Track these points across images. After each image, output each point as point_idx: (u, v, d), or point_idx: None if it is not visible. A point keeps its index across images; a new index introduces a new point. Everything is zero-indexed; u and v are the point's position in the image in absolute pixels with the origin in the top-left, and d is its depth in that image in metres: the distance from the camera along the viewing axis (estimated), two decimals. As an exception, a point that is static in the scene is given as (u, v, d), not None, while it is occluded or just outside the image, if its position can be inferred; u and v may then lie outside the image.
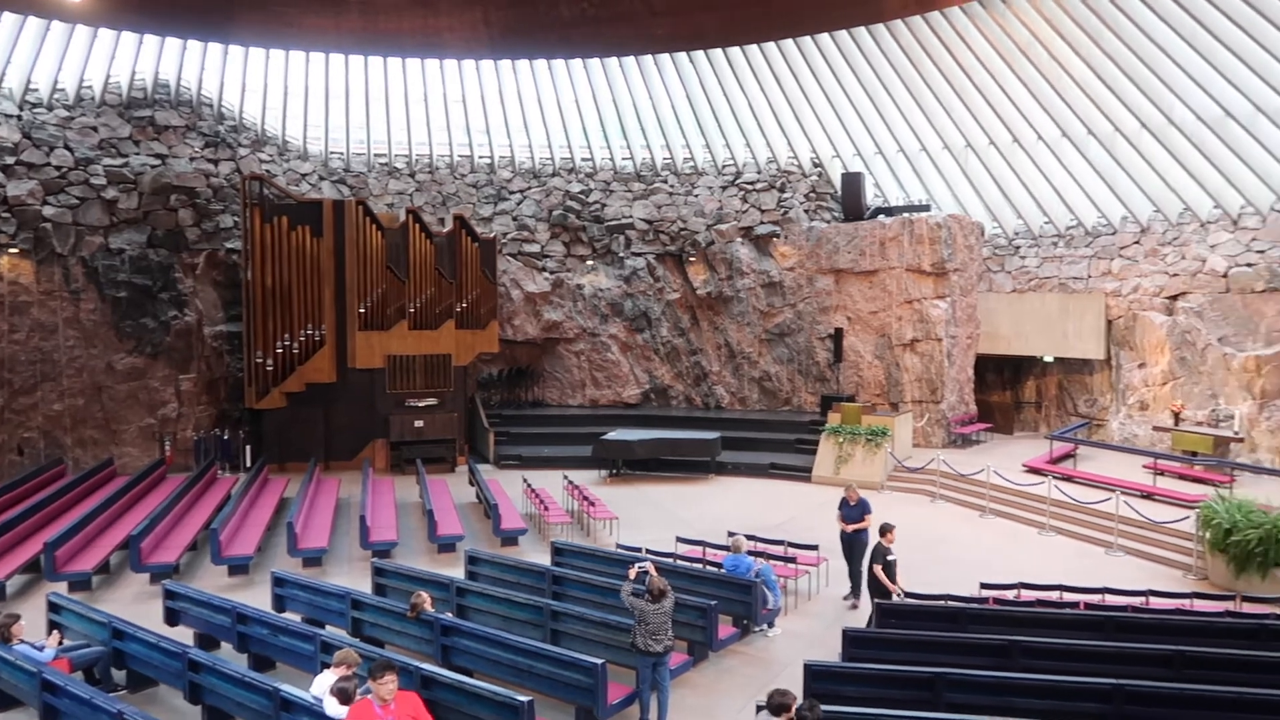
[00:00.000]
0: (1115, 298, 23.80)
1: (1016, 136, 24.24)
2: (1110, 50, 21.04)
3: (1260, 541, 13.07)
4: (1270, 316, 20.92)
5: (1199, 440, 20.00)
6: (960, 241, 23.83)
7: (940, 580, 12.72)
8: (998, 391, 26.46)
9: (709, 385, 26.98)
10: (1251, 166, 20.82)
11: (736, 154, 27.33)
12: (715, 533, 15.03)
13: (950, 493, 19.40)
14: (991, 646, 9.19)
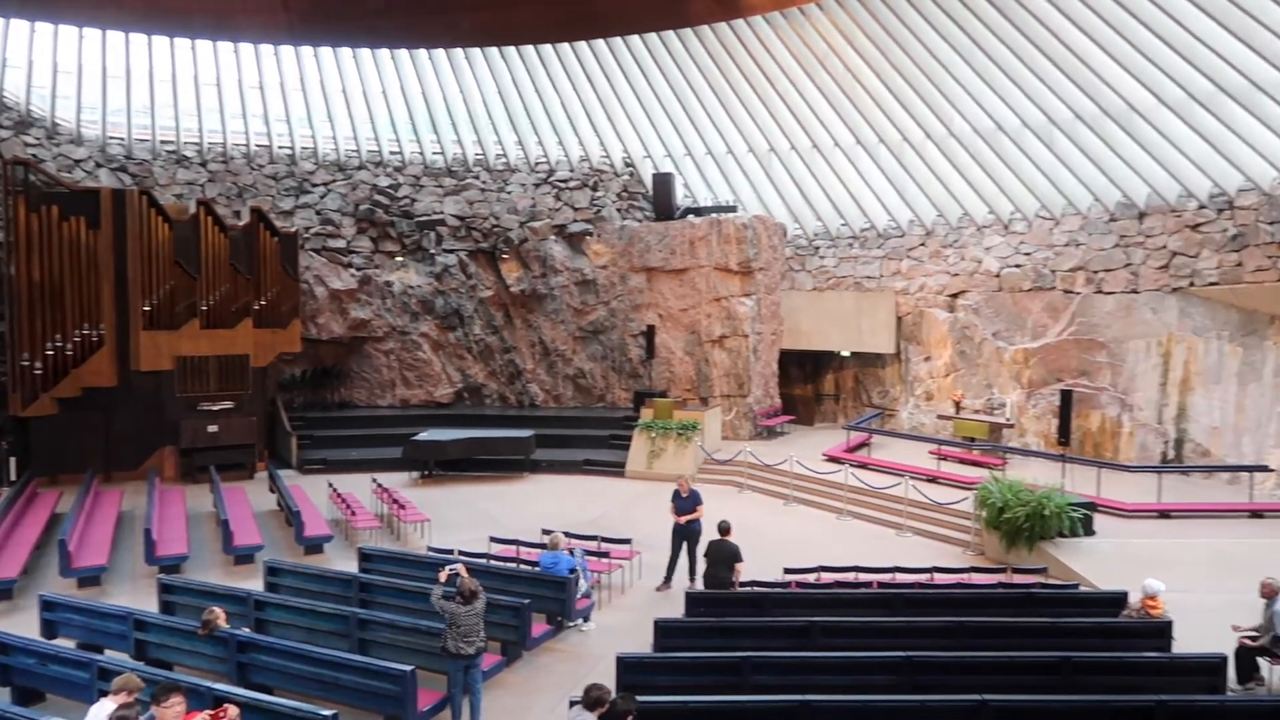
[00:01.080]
0: (904, 296, 25.51)
1: (816, 142, 25.51)
2: (897, 64, 22.51)
3: (1028, 518, 14.35)
4: (1036, 313, 23.03)
5: (976, 427, 21.74)
6: (765, 242, 24.83)
7: (748, 568, 13.17)
8: (800, 385, 27.79)
9: (523, 383, 26.83)
10: (1019, 176, 22.83)
11: (549, 151, 27.29)
12: (530, 531, 14.97)
13: (757, 483, 20.18)
14: (794, 628, 9.62)
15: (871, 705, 7.63)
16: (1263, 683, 9.83)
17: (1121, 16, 18.39)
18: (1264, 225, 18.99)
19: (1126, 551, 14.41)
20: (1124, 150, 20.68)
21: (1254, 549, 14.38)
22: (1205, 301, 20.32)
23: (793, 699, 7.58)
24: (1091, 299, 22.04)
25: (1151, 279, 21.10)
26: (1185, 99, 18.93)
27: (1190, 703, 7.87)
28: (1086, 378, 21.93)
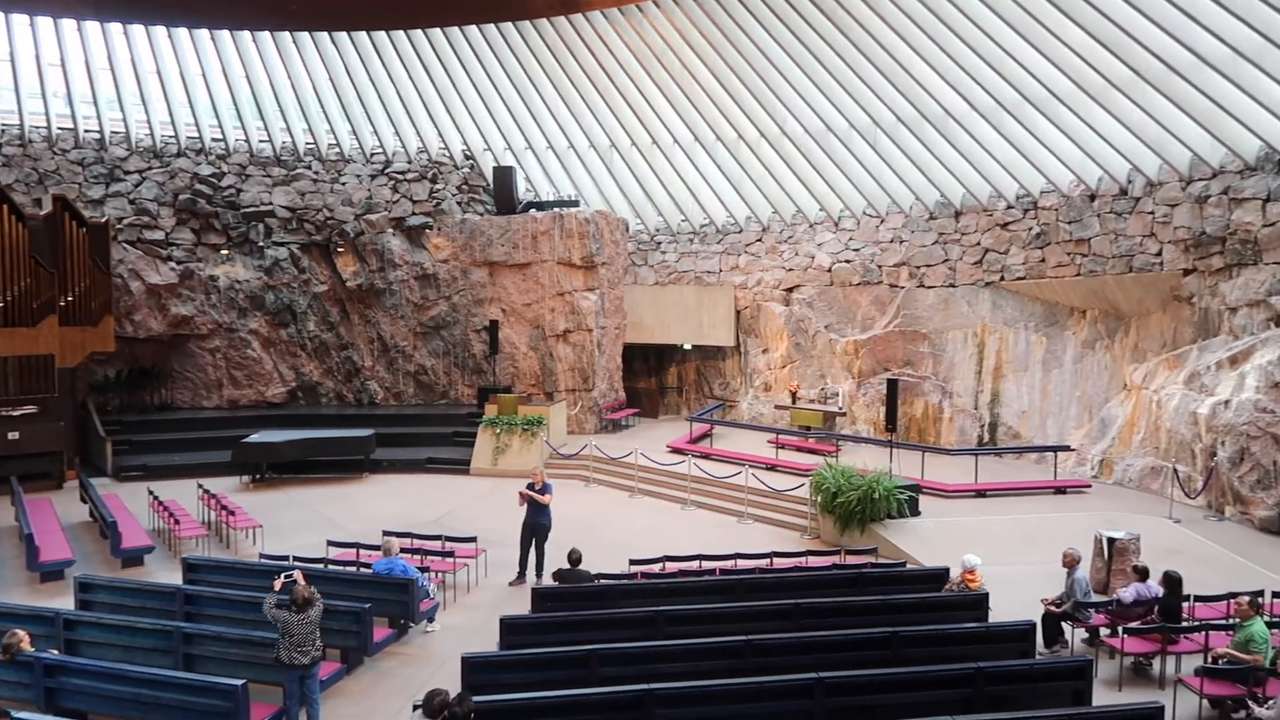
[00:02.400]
0: (742, 290, 26.25)
1: (655, 139, 25.85)
2: (733, 64, 23.10)
3: (859, 501, 15.07)
4: (864, 306, 24.19)
5: (812, 416, 22.63)
6: (608, 237, 24.98)
7: (596, 561, 13.22)
8: (644, 378, 28.15)
9: (362, 381, 25.97)
10: (848, 176, 23.89)
11: (386, 142, 26.48)
12: (371, 534, 14.53)
13: (603, 476, 20.31)
14: (640, 619, 9.74)
15: (713, 689, 7.82)
16: (1066, 645, 10.70)
17: (938, 27, 19.52)
18: (1063, 225, 20.62)
19: (948, 529, 15.36)
20: (941, 153, 21.99)
21: (1057, 522, 15.61)
22: (1014, 295, 21.90)
23: (638, 688, 7.68)
24: (914, 293, 23.35)
25: (967, 274, 22.55)
26: (995, 106, 20.30)
27: (1005, 668, 8.47)
28: (911, 367, 23.23)
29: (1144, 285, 19.39)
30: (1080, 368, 20.87)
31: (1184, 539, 14.83)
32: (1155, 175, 18.99)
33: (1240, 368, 16.44)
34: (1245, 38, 15.64)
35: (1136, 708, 7.62)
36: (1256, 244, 17.21)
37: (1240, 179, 17.43)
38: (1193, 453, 17.14)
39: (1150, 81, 17.58)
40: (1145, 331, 19.71)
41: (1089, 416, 20.53)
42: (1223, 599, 10.60)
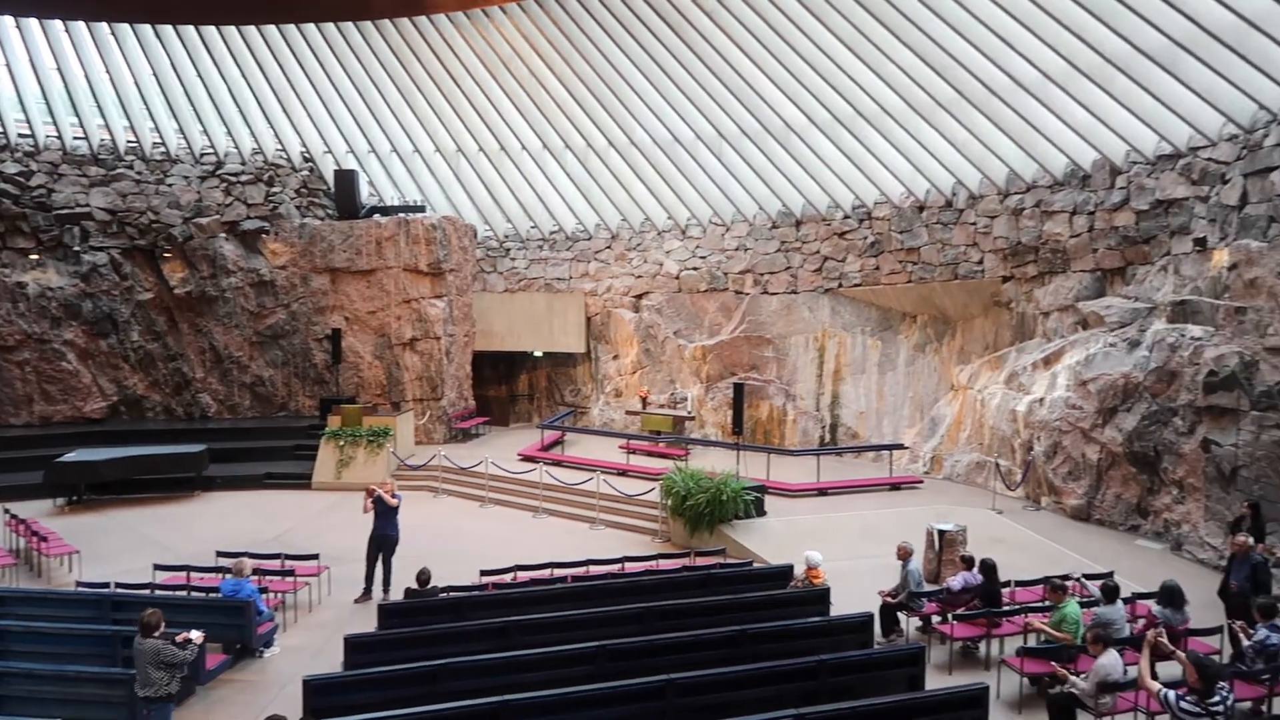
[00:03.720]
0: (592, 297, 26.37)
1: (503, 144, 25.64)
2: (580, 73, 23.18)
3: (708, 504, 15.38)
4: (711, 312, 24.75)
5: (662, 421, 22.95)
6: (455, 243, 24.58)
7: (446, 573, 12.95)
8: (495, 386, 27.83)
9: (193, 394, 24.51)
10: (694, 185, 24.41)
11: (217, 142, 25.14)
12: (204, 555, 13.72)
13: (453, 486, 19.93)
14: (492, 630, 9.59)
15: (567, 697, 7.78)
16: (902, 634, 11.24)
17: (779, 44, 20.20)
18: (895, 234, 21.73)
19: (793, 528, 15.88)
20: (782, 164, 22.78)
21: (893, 517, 16.40)
22: (851, 301, 22.91)
23: (491, 701, 7.55)
24: (759, 299, 24.08)
25: (808, 281, 23.44)
26: (831, 121, 21.20)
27: (845, 658, 8.81)
28: (756, 371, 23.92)
29: (968, 291, 20.67)
30: (912, 370, 22.03)
31: (1006, 528, 15.86)
32: (976, 189, 20.29)
33: (1053, 368, 17.75)
34: (1054, 63, 16.92)
35: (964, 689, 8.08)
36: (1065, 253, 18.65)
37: (1050, 193, 18.85)
38: (1012, 448, 18.38)
39: (971, 101, 18.76)
40: (969, 335, 21.02)
41: (920, 416, 21.70)
42: (1039, 583, 11.38)
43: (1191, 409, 14.48)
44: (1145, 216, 17.15)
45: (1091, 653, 8.67)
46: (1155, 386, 15.22)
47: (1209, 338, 14.37)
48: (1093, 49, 16.03)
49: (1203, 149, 15.96)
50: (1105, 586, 10.14)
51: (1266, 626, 9.02)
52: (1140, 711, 8.58)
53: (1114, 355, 16.28)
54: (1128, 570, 13.01)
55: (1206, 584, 12.14)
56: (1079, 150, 18.16)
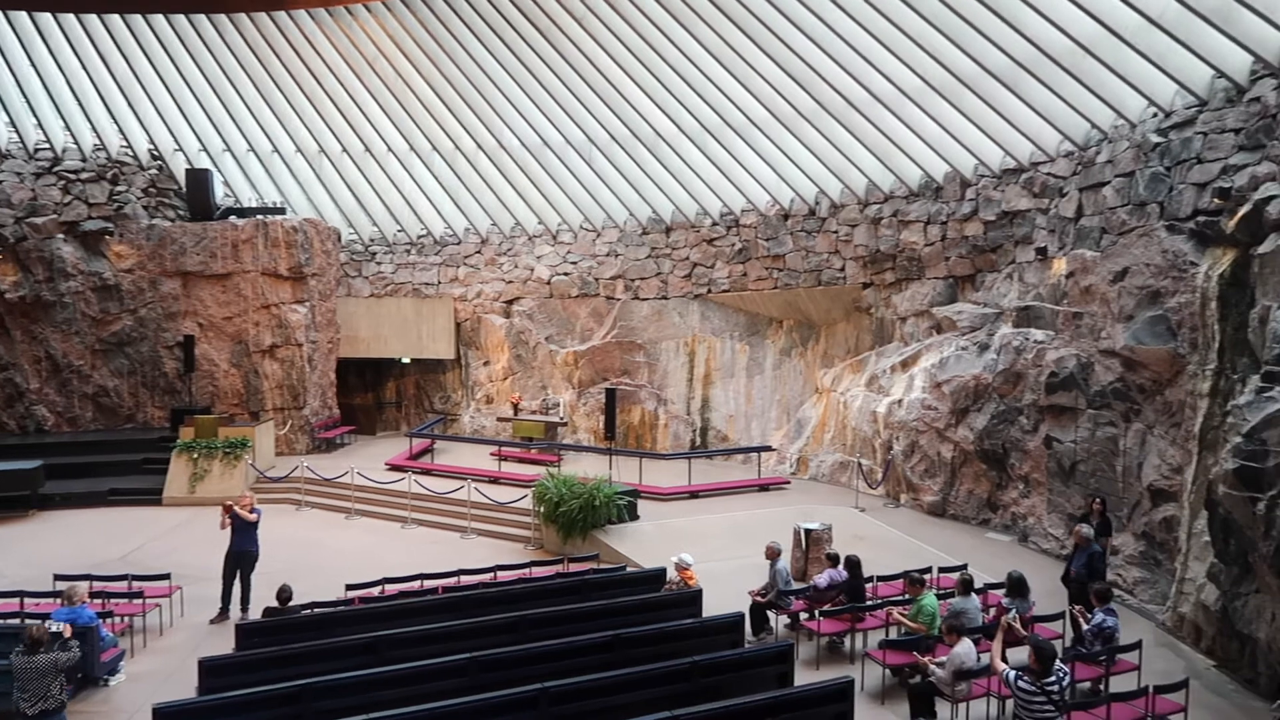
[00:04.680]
0: (462, 302, 25.97)
1: (368, 146, 24.95)
2: (448, 74, 22.78)
3: (581, 510, 15.35)
4: (583, 317, 24.76)
5: (534, 427, 22.79)
6: (318, 246, 23.76)
7: (310, 588, 12.49)
8: (360, 394, 27.03)
9: (27, 405, 22.78)
10: (564, 190, 24.37)
11: (54, 137, 23.46)
12: (40, 580, 12.78)
13: (316, 498, 19.21)
14: (359, 646, 9.29)
15: (437, 712, 7.60)
16: (771, 632, 11.49)
17: (647, 52, 20.37)
18: (762, 241, 22.27)
19: (665, 531, 16.03)
20: (652, 171, 23.01)
21: (762, 517, 16.78)
22: (720, 306, 23.35)
23: (357, 720, 7.31)
24: (630, 304, 24.24)
25: (678, 286, 23.75)
26: (699, 129, 21.53)
27: (717, 659, 8.93)
28: (628, 376, 24.06)
29: (831, 297, 21.37)
30: (779, 373, 22.62)
31: (868, 525, 16.46)
32: (838, 198, 21.01)
33: (910, 371, 18.55)
34: (908, 80, 17.69)
35: (831, 683, 8.32)
36: (920, 261, 19.53)
37: (906, 203, 19.70)
38: (873, 447, 19.09)
39: (832, 114, 19.42)
40: (833, 339, 21.74)
41: (787, 418, 22.29)
42: (899, 577, 11.85)
43: (1035, 408, 15.39)
44: (992, 227, 18.13)
45: (948, 642, 9.08)
46: (1003, 387, 16.11)
47: (1050, 341, 15.31)
48: (944, 67, 16.84)
49: (1043, 164, 17.00)
50: (960, 579, 10.66)
51: (1103, 610, 9.66)
52: (993, 696, 9.03)
53: (965, 358, 17.14)
54: (980, 562, 13.70)
55: (1051, 573, 12.91)
56: (932, 163, 19.05)
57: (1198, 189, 12.64)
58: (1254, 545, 9.43)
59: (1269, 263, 10.26)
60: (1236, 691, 9.94)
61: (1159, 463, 12.62)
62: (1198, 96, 13.26)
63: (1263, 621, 9.68)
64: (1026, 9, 14.68)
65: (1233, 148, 12.27)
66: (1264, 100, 11.93)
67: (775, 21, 18.18)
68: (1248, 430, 9.37)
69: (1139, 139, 14.16)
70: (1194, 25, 12.73)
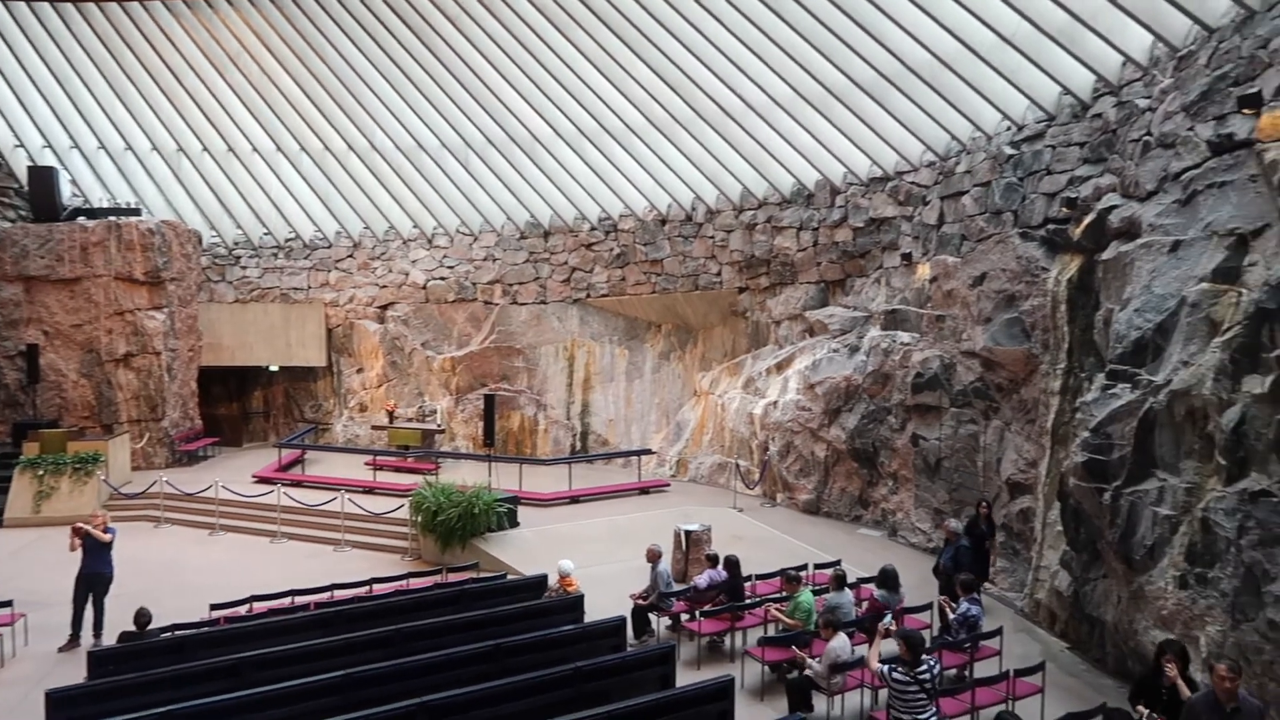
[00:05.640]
0: (334, 307, 25.17)
1: (231, 145, 23.91)
2: (317, 73, 22.06)
3: (460, 518, 15.07)
4: (460, 323, 24.37)
5: (410, 435, 22.27)
6: (177, 249, 22.58)
7: (171, 611, 11.83)
8: (225, 404, 25.83)
9: None
10: (440, 193, 23.93)
11: (-125, 129, 21.62)
12: None
13: (177, 514, 18.23)
14: (223, 668, 8.83)
15: (311, 733, 7.32)
16: (653, 634, 11.54)
17: (523, 55, 20.22)
18: (640, 246, 22.43)
19: (546, 537, 15.91)
20: (529, 175, 22.86)
21: (643, 521, 16.85)
22: (599, 311, 23.39)
23: (223, 746, 6.94)
24: (508, 309, 24.00)
25: (557, 291, 23.66)
26: (577, 134, 21.52)
27: (599, 663, 8.90)
28: (507, 382, 23.81)
29: (708, 301, 21.70)
30: (658, 377, 22.82)
31: (746, 525, 16.76)
32: (714, 204, 21.37)
33: (785, 373, 19.00)
34: (780, 89, 18.13)
35: (712, 683, 8.40)
36: (794, 266, 20.04)
37: (780, 210, 20.19)
38: (750, 449, 19.47)
39: (707, 121, 19.74)
40: (710, 343, 22.07)
41: (666, 421, 22.50)
42: (776, 575, 12.09)
43: (902, 407, 16.00)
44: (861, 233, 18.77)
45: (823, 637, 9.32)
46: (872, 388, 16.68)
47: (916, 343, 15.95)
48: (814, 78, 17.33)
49: (907, 173, 17.71)
50: (834, 574, 10.96)
51: (967, 600, 10.10)
52: (866, 688, 9.31)
53: (837, 360, 17.67)
54: (853, 557, 14.13)
55: (919, 566, 13.44)
56: (804, 171, 19.58)
57: (1048, 198, 13.42)
58: (1101, 533, 10.03)
59: (1111, 268, 10.96)
60: (1088, 671, 10.55)
61: (1016, 457, 13.30)
62: (1047, 111, 14.08)
63: (1110, 604, 10.31)
64: (891, 25, 15.26)
65: (1078, 160, 13.07)
66: (1105, 116, 12.75)
67: (651, 29, 18.35)
68: (1094, 425, 9.97)
69: (994, 151, 14.93)
70: (1043, 45, 13.51)
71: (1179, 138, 10.42)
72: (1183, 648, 7.18)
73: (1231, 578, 8.27)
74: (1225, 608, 8.31)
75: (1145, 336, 9.72)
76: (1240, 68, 9.86)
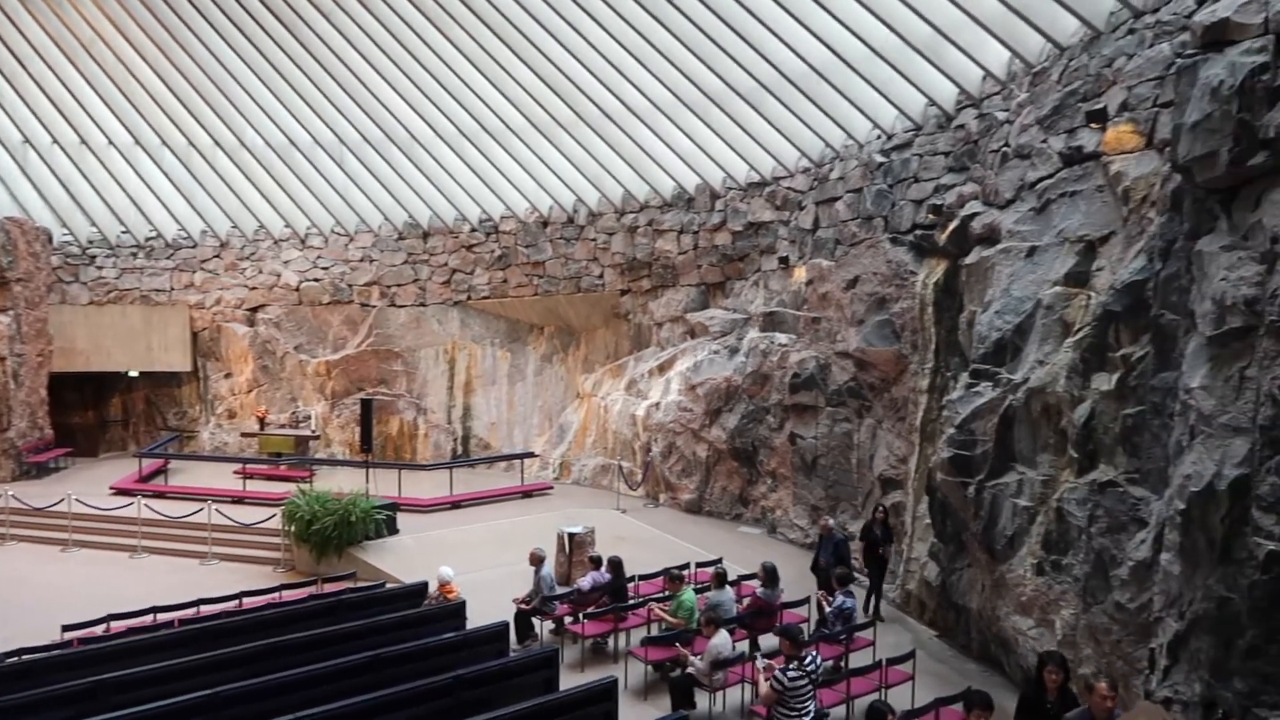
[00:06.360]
0: (199, 310, 24.04)
1: (85, 138, 22.56)
2: (181, 66, 21.03)
3: (336, 526, 14.63)
4: (336, 325, 23.66)
5: (283, 441, 21.48)
6: (24, 248, 21.13)
7: (18, 633, 11.08)
8: (80, 412, 24.29)
9: None
10: (314, 192, 23.17)
11: None
12: None
13: (25, 530, 17.06)
14: (76, 693, 8.31)
15: (175, 756, 6.96)
16: (537, 638, 11.47)
17: (401, 53, 19.77)
18: (522, 248, 22.26)
19: (426, 544, 15.61)
20: (408, 175, 22.39)
21: (526, 524, 16.72)
22: (481, 313, 23.10)
23: (76, 776, 6.53)
24: (386, 312, 23.44)
25: (437, 293, 23.25)
26: (456, 133, 21.18)
27: (481, 670, 8.78)
28: (385, 386, 23.24)
29: (590, 304, 21.72)
30: (540, 379, 22.70)
31: (629, 526, 16.84)
32: (596, 206, 21.41)
33: (667, 374, 19.19)
34: (661, 94, 18.31)
35: (595, 684, 8.41)
36: (675, 269, 20.27)
37: (661, 213, 20.39)
38: (633, 450, 19.58)
39: (588, 123, 19.75)
40: (593, 345, 22.10)
41: (549, 424, 22.40)
42: (659, 575, 12.19)
43: (781, 407, 16.39)
44: (740, 237, 19.13)
45: (705, 634, 9.44)
46: (752, 388, 17.03)
47: (793, 344, 16.36)
48: (694, 84, 17.57)
49: (784, 179, 18.15)
50: (715, 572, 11.13)
51: (842, 593, 10.42)
52: (747, 683, 9.48)
53: (718, 361, 17.96)
54: (734, 555, 14.38)
55: (798, 561, 13.78)
56: (684, 175, 19.83)
57: (915, 205, 13.98)
58: (966, 525, 10.51)
59: (974, 272, 11.50)
60: (955, 657, 11.04)
61: (888, 454, 13.79)
62: (914, 122, 14.67)
63: (974, 593, 10.81)
64: (767, 34, 15.60)
65: (943, 169, 13.67)
66: (968, 127, 13.38)
67: (532, 30, 18.24)
68: (959, 422, 10.44)
69: (866, 158, 15.46)
70: (911, 58, 14.06)
71: (1034, 149, 11.03)
72: (1063, 658, 7.30)
73: (1083, 564, 8.79)
74: (1078, 592, 8.82)
75: (1005, 337, 10.24)
76: (1088, 85, 10.50)
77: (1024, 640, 9.48)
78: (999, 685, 9.90)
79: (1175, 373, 7.96)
